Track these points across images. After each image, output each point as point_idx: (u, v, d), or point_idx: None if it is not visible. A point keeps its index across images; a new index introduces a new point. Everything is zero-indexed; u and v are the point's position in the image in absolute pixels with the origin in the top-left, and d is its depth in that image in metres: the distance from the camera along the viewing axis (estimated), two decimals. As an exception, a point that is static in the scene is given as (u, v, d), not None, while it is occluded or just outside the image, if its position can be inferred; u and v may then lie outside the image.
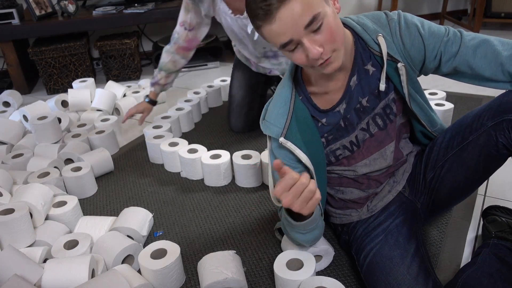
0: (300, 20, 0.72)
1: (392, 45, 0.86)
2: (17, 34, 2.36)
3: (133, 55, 2.54)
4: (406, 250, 0.89)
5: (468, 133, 0.90)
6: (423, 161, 1.01)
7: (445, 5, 3.13)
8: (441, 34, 0.85)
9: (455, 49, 0.84)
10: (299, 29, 0.73)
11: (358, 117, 0.93)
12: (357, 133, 0.95)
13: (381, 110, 0.93)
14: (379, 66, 0.89)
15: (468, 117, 0.92)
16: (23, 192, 1.18)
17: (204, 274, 0.97)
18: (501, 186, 1.33)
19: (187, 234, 1.22)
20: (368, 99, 0.91)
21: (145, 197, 1.41)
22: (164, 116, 1.78)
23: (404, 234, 0.92)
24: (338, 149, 0.96)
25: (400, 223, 0.95)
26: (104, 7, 2.53)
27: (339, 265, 1.05)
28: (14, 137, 1.71)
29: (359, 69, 0.89)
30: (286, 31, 0.74)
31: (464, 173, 0.93)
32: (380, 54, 0.87)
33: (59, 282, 0.94)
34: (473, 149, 0.89)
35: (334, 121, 0.93)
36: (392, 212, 0.99)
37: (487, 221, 1.09)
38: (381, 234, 0.94)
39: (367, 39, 0.87)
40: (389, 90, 0.91)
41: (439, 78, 2.29)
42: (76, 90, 2.00)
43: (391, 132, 0.95)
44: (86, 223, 1.19)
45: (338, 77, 0.89)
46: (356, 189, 1.02)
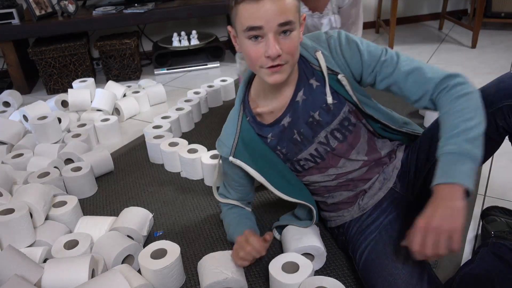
0: (279, 16, 0.78)
1: (331, 60, 0.92)
2: (17, 34, 2.36)
3: (133, 55, 2.54)
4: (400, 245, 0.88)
5: None
6: (415, 153, 0.99)
7: (445, 5, 3.13)
8: (378, 54, 0.90)
9: (390, 70, 0.89)
10: (274, 23, 0.79)
11: (313, 130, 0.96)
12: (316, 147, 0.98)
13: (338, 126, 0.96)
14: (323, 81, 0.93)
15: None
16: (23, 192, 1.18)
17: (204, 274, 0.97)
18: (501, 186, 1.33)
19: (187, 234, 1.22)
20: (320, 113, 0.95)
21: (145, 197, 1.41)
22: (164, 116, 1.78)
23: (397, 230, 0.92)
24: (301, 160, 1.01)
25: (393, 219, 0.95)
26: (104, 7, 2.53)
27: (339, 266, 1.05)
28: (14, 137, 1.71)
29: (304, 84, 0.94)
30: (263, 17, 0.78)
31: None
32: (321, 69, 0.92)
33: (59, 282, 0.94)
34: None
35: (279, 135, 0.98)
36: (384, 208, 0.99)
37: (486, 221, 1.09)
38: (375, 231, 0.94)
39: (307, 55, 0.93)
40: (341, 105, 0.95)
41: (439, 78, 2.30)
42: (76, 90, 2.00)
43: (352, 141, 0.98)
44: (86, 223, 1.19)
45: (283, 93, 0.95)
46: (345, 191, 1.04)
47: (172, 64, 2.73)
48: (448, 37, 3.07)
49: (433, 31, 3.25)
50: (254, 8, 0.78)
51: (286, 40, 0.81)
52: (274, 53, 0.80)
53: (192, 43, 2.70)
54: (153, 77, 2.65)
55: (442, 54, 2.70)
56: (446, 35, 3.11)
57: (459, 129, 0.79)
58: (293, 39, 0.82)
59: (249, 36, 0.82)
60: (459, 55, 2.65)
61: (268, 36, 0.80)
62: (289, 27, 0.80)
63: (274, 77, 0.85)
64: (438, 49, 2.80)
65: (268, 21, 0.78)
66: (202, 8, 2.49)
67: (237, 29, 0.85)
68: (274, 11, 0.78)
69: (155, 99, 2.19)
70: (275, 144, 1.00)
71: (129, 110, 2.05)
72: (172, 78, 2.63)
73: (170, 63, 2.74)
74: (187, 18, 2.56)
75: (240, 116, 0.99)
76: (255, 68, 0.87)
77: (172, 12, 2.47)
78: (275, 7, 0.78)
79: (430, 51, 2.78)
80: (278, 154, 1.02)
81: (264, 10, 0.78)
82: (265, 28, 0.79)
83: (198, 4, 2.50)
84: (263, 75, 0.86)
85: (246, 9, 0.79)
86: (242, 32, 0.82)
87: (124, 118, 2.03)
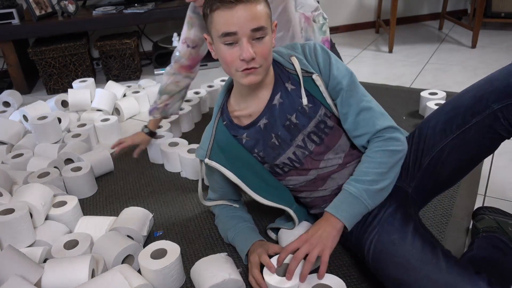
0: (252, 21, 0.84)
1: (305, 62, 0.97)
2: (17, 34, 2.36)
3: (133, 55, 2.54)
4: (404, 232, 0.88)
5: (470, 116, 0.89)
6: (411, 146, 0.99)
7: (445, 5, 3.13)
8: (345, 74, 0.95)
9: (349, 98, 0.95)
10: (247, 28, 0.84)
11: (290, 134, 0.99)
12: (294, 150, 1.00)
13: (315, 128, 0.98)
14: (298, 84, 0.97)
15: (463, 98, 0.92)
16: (23, 192, 1.18)
17: (200, 279, 0.96)
18: (501, 186, 1.33)
19: (187, 234, 1.22)
20: (296, 116, 0.98)
21: (145, 197, 1.41)
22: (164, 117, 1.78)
23: (399, 219, 0.92)
24: (279, 164, 1.02)
25: (393, 211, 0.95)
26: (104, 7, 2.53)
27: (339, 265, 1.05)
28: (14, 137, 1.71)
29: (281, 88, 0.98)
30: (237, 23, 0.83)
31: (468, 154, 0.92)
32: (296, 72, 0.97)
33: (59, 282, 0.94)
34: (478, 131, 0.88)
35: (255, 136, 1.01)
36: (383, 203, 0.97)
37: (475, 220, 1.11)
38: (377, 225, 0.93)
39: (282, 61, 0.98)
40: (316, 107, 0.98)
41: (439, 78, 2.30)
42: (76, 90, 2.00)
43: (329, 143, 1.00)
44: (86, 223, 1.19)
45: (261, 97, 0.98)
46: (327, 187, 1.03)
47: (172, 64, 2.73)
48: (448, 37, 3.07)
49: (433, 31, 3.25)
50: (228, 15, 0.84)
51: (259, 44, 0.87)
52: (248, 56, 0.85)
53: (192, 43, 2.69)
54: (153, 77, 2.65)
55: (442, 54, 2.70)
56: (446, 35, 3.11)
57: (368, 178, 0.92)
58: (266, 43, 0.87)
59: (224, 41, 0.86)
60: (459, 55, 2.65)
61: (242, 41, 0.85)
62: (262, 32, 0.86)
63: (249, 78, 0.89)
64: (438, 49, 2.80)
65: (242, 26, 0.84)
66: (202, 8, 2.48)
67: (212, 35, 0.90)
68: (247, 17, 0.83)
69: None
70: (251, 146, 1.02)
71: (129, 110, 2.05)
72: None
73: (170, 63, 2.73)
74: (187, 18, 2.55)
75: (217, 120, 1.04)
76: (231, 72, 0.91)
77: (172, 12, 2.46)
78: (248, 14, 0.83)
79: (430, 51, 2.78)
80: (256, 157, 1.04)
81: (237, 17, 0.83)
82: (239, 33, 0.84)
83: (198, 4, 2.49)
84: (239, 78, 0.91)
85: (220, 16, 0.85)
86: (217, 38, 0.87)
87: (124, 118, 2.03)
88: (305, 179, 1.03)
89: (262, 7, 0.86)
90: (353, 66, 2.60)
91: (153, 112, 1.52)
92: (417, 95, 1.99)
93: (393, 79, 2.32)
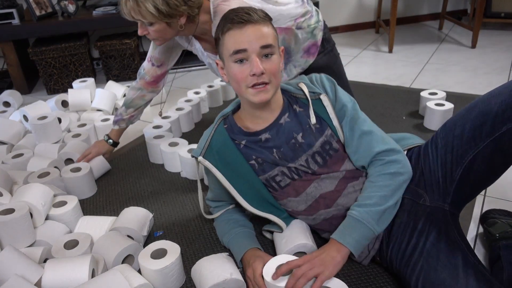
0: (260, 39, 0.91)
1: (313, 87, 1.02)
2: (17, 34, 2.36)
3: (133, 55, 2.54)
4: (454, 267, 0.82)
5: (500, 123, 0.83)
6: (437, 160, 0.94)
7: (445, 5, 3.13)
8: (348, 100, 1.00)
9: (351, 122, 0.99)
10: (256, 46, 0.90)
11: (294, 153, 1.00)
12: (296, 166, 1.01)
13: (320, 148, 1.00)
14: (306, 106, 1.02)
15: (491, 104, 0.85)
16: (23, 192, 1.18)
17: (201, 279, 0.96)
18: (501, 186, 1.33)
19: (187, 234, 1.22)
20: (303, 135, 1.00)
21: (145, 197, 1.41)
22: (164, 116, 1.78)
23: (444, 250, 0.86)
24: (277, 175, 1.02)
25: (435, 239, 0.88)
26: (104, 7, 2.53)
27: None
28: (14, 137, 1.71)
29: (289, 110, 1.02)
30: (247, 41, 0.90)
31: (502, 159, 0.88)
32: (305, 96, 1.02)
33: (59, 282, 0.94)
34: (510, 139, 0.83)
35: (253, 145, 1.02)
36: (421, 230, 0.91)
37: (487, 225, 1.09)
38: (420, 259, 0.87)
39: (290, 89, 1.04)
40: (323, 128, 1.01)
41: (439, 78, 2.30)
42: (76, 90, 2.00)
43: (332, 166, 1.01)
44: (86, 223, 1.19)
45: (268, 118, 1.01)
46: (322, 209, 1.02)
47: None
48: (448, 37, 3.07)
49: (433, 31, 3.25)
50: (238, 34, 0.91)
51: (268, 62, 0.92)
52: (259, 70, 0.90)
53: (192, 43, 2.69)
54: (153, 77, 2.65)
55: (442, 54, 2.70)
56: (446, 35, 3.11)
57: (371, 201, 0.92)
58: (274, 61, 0.93)
59: (235, 59, 0.92)
60: (459, 55, 2.65)
61: (252, 57, 0.91)
62: (270, 50, 0.92)
63: (260, 96, 0.93)
64: (438, 49, 2.80)
65: (251, 44, 0.90)
66: (202, 8, 2.48)
67: (224, 56, 0.95)
68: (256, 35, 0.90)
69: (155, 99, 2.19)
70: (248, 153, 1.03)
71: (129, 110, 2.05)
72: (172, 78, 2.63)
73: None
74: (187, 18, 2.56)
75: (218, 123, 1.07)
76: (241, 90, 0.95)
77: (172, 12, 2.46)
78: (257, 32, 0.91)
79: (430, 51, 2.78)
80: (253, 165, 1.03)
81: (247, 35, 0.90)
82: (249, 50, 0.90)
83: (198, 4, 2.49)
84: (249, 96, 0.94)
85: (231, 36, 0.92)
86: (229, 57, 0.93)
87: (124, 118, 2.03)
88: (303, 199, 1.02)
89: (269, 28, 0.94)
90: (353, 66, 2.60)
91: (118, 122, 1.54)
92: (417, 95, 1.99)
93: (393, 79, 2.32)
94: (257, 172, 1.03)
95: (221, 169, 1.03)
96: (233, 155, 1.03)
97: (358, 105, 1.02)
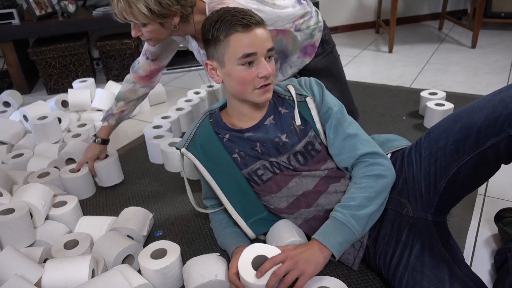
0: (266, 42, 0.94)
1: (300, 89, 1.04)
2: (17, 34, 2.36)
3: (133, 55, 2.54)
4: (440, 282, 0.82)
5: (484, 138, 0.82)
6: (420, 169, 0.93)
7: (445, 5, 3.13)
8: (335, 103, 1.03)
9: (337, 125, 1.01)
10: (264, 48, 0.93)
11: (277, 151, 1.02)
12: (278, 161, 1.02)
13: (302, 148, 1.02)
14: (291, 108, 1.04)
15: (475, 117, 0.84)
16: (23, 192, 1.18)
17: (188, 278, 0.96)
18: (501, 186, 1.33)
19: (187, 234, 1.22)
20: (288, 135, 1.02)
21: (145, 197, 1.41)
22: (164, 116, 1.78)
23: (429, 264, 0.85)
24: (259, 169, 1.04)
25: (419, 252, 0.88)
26: (104, 7, 2.53)
27: (339, 265, 1.05)
28: (14, 137, 1.71)
29: (274, 112, 1.04)
30: (255, 44, 0.92)
31: (485, 170, 0.87)
32: (292, 98, 1.04)
33: (59, 282, 0.94)
34: (494, 153, 0.83)
35: (237, 140, 1.04)
36: (405, 242, 0.92)
37: (502, 224, 1.08)
38: (405, 273, 0.88)
39: (279, 90, 1.06)
40: (307, 129, 1.03)
41: (439, 78, 2.30)
42: (76, 90, 2.00)
43: (313, 165, 1.02)
44: (86, 223, 1.19)
45: (253, 117, 1.04)
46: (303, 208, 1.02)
47: (172, 64, 2.73)
48: (448, 37, 3.07)
49: (433, 31, 3.25)
50: (246, 37, 0.91)
51: (270, 63, 0.96)
52: (269, 73, 0.93)
53: (192, 43, 2.69)
54: (153, 77, 2.65)
55: (442, 54, 2.70)
56: (446, 35, 3.11)
57: (355, 203, 0.91)
58: (274, 63, 0.97)
59: (243, 62, 0.93)
60: (459, 55, 2.65)
61: (260, 60, 0.93)
62: (272, 52, 0.96)
63: (265, 96, 0.97)
64: (438, 49, 2.80)
65: (260, 47, 0.92)
66: (202, 8, 2.48)
67: (225, 59, 0.95)
68: (262, 38, 0.93)
69: (155, 99, 2.20)
70: (231, 147, 1.04)
71: (129, 110, 2.05)
72: (172, 78, 2.63)
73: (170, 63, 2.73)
74: (187, 18, 2.56)
75: (204, 117, 1.09)
76: (246, 91, 0.96)
77: (172, 12, 2.46)
78: (262, 35, 0.93)
79: (430, 51, 2.78)
80: (236, 158, 1.04)
81: (255, 38, 0.92)
82: (258, 53, 0.93)
83: (198, 4, 2.49)
84: (255, 97, 0.97)
85: (239, 39, 0.92)
86: (235, 60, 0.93)
87: (124, 118, 2.03)
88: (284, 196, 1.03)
89: (267, 30, 0.96)
90: (353, 66, 2.60)
91: (108, 118, 1.47)
92: (417, 95, 1.99)
93: (393, 79, 2.32)
94: (239, 166, 1.04)
95: (204, 163, 1.05)
96: (216, 148, 1.05)
97: (345, 109, 1.03)
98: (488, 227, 1.16)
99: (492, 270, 1.02)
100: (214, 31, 0.94)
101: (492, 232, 1.14)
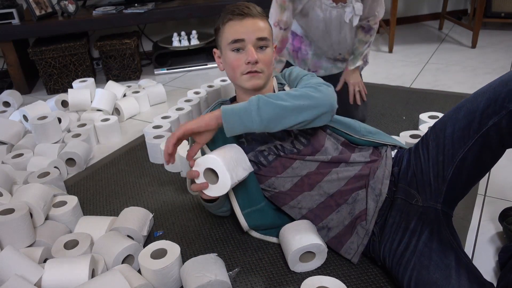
0: (257, 32, 1.02)
1: (281, 78, 1.16)
2: (17, 34, 2.36)
3: (133, 55, 2.54)
4: (446, 267, 0.83)
5: (486, 118, 0.84)
6: (429, 161, 0.94)
7: (445, 5, 3.13)
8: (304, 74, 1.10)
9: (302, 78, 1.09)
10: (253, 37, 1.02)
11: (282, 135, 1.07)
12: (283, 144, 1.07)
13: (298, 131, 1.06)
14: None
15: (477, 102, 0.86)
16: (23, 192, 1.18)
17: (187, 279, 0.96)
18: (501, 186, 1.33)
19: (187, 234, 1.22)
20: None
21: (145, 197, 1.41)
22: (164, 116, 1.78)
23: (436, 250, 0.86)
24: (265, 150, 1.07)
25: (427, 239, 0.89)
26: (104, 7, 2.53)
27: (339, 265, 1.05)
28: (14, 137, 1.71)
29: None
30: (245, 32, 1.02)
31: (491, 153, 0.88)
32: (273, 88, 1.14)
33: (59, 282, 0.94)
34: (497, 132, 0.84)
35: None
36: (413, 229, 0.92)
37: (507, 222, 1.08)
38: (412, 258, 0.88)
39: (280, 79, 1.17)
40: None
41: (439, 78, 2.30)
42: (76, 90, 2.00)
43: (315, 143, 1.06)
44: (86, 223, 1.19)
45: None
46: (334, 213, 1.03)
47: (172, 64, 2.73)
48: (448, 37, 3.07)
49: (433, 31, 3.25)
50: (238, 25, 1.02)
51: (262, 53, 1.04)
52: (253, 59, 1.01)
53: (192, 43, 2.70)
54: (153, 77, 2.65)
55: (442, 54, 2.70)
56: (446, 35, 3.11)
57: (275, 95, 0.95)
58: (268, 53, 1.05)
59: (233, 48, 1.03)
60: (459, 55, 2.65)
61: (248, 47, 1.02)
62: (265, 42, 1.03)
63: (252, 81, 1.04)
64: (438, 49, 2.80)
65: (249, 35, 1.01)
66: (202, 8, 2.49)
67: (222, 45, 1.06)
68: (254, 28, 1.02)
69: (155, 99, 2.20)
70: None
71: (129, 110, 2.05)
72: (172, 78, 2.63)
73: (170, 63, 2.74)
74: (187, 18, 2.56)
75: (214, 105, 1.15)
76: (236, 76, 1.06)
77: (172, 12, 2.46)
78: (254, 25, 1.02)
79: (430, 51, 2.78)
80: (242, 142, 1.09)
81: (245, 26, 1.02)
82: (246, 40, 1.02)
83: (198, 4, 2.50)
84: (243, 82, 1.05)
85: (231, 26, 1.03)
86: (227, 46, 1.04)
87: (124, 118, 2.03)
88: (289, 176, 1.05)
89: (266, 23, 1.05)
90: (353, 66, 2.60)
91: None
92: (417, 95, 1.99)
93: (393, 79, 2.32)
94: (245, 150, 1.07)
95: (211, 148, 1.07)
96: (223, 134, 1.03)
97: (317, 78, 1.06)
98: (489, 227, 1.16)
99: (492, 270, 1.02)
100: (218, 21, 1.06)
101: (492, 232, 1.14)
